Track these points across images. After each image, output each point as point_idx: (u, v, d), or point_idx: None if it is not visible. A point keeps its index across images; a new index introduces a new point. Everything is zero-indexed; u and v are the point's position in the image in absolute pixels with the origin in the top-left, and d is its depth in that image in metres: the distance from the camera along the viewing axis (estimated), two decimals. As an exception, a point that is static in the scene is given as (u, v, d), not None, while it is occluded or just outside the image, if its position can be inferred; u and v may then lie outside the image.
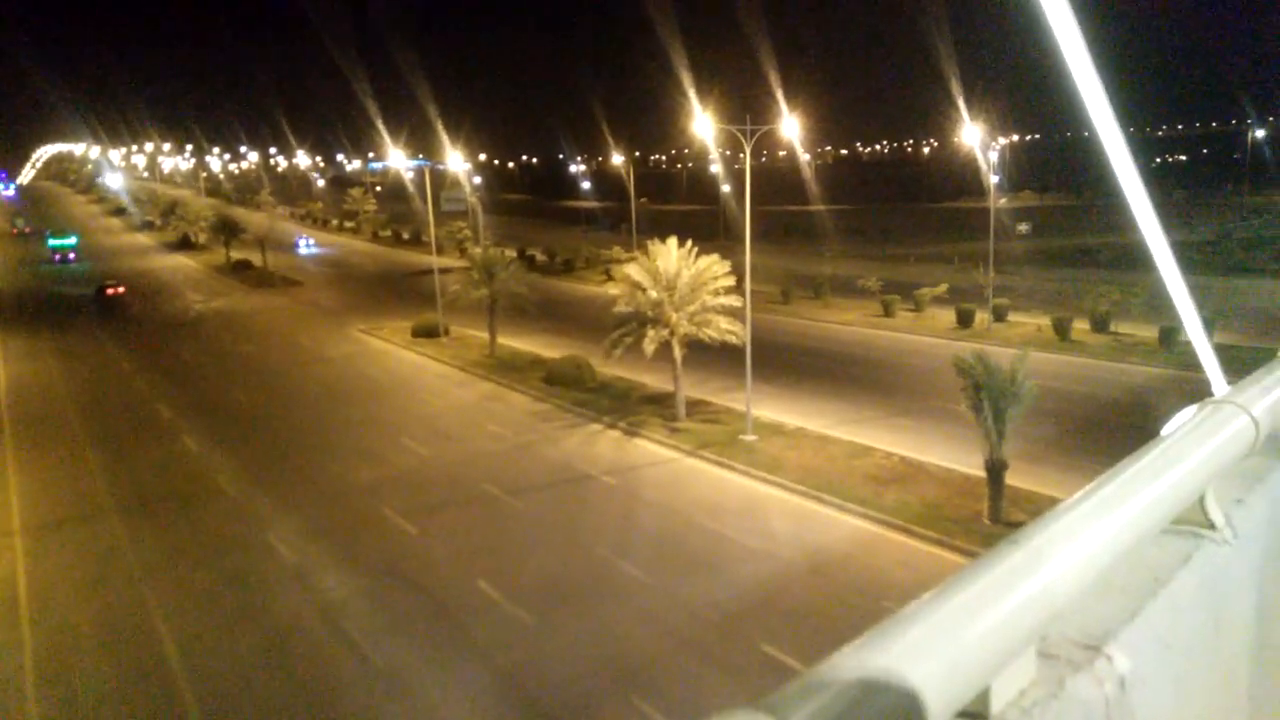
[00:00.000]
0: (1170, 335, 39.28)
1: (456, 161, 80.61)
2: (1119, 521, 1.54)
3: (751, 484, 27.02)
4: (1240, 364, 2.40)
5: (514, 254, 64.39)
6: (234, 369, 46.49)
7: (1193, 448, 1.92)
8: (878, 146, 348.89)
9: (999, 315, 48.12)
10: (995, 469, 23.03)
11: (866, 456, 28.23)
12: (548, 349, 44.41)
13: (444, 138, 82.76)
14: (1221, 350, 2.37)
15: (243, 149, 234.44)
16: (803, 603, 19.76)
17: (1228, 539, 1.97)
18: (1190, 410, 2.18)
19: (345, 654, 18.35)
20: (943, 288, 53.11)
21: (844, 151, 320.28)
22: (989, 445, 22.96)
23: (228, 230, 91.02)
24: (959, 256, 67.94)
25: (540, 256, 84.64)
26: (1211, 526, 1.97)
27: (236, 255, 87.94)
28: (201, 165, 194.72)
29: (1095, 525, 1.48)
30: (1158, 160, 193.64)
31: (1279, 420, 2.37)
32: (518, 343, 46.72)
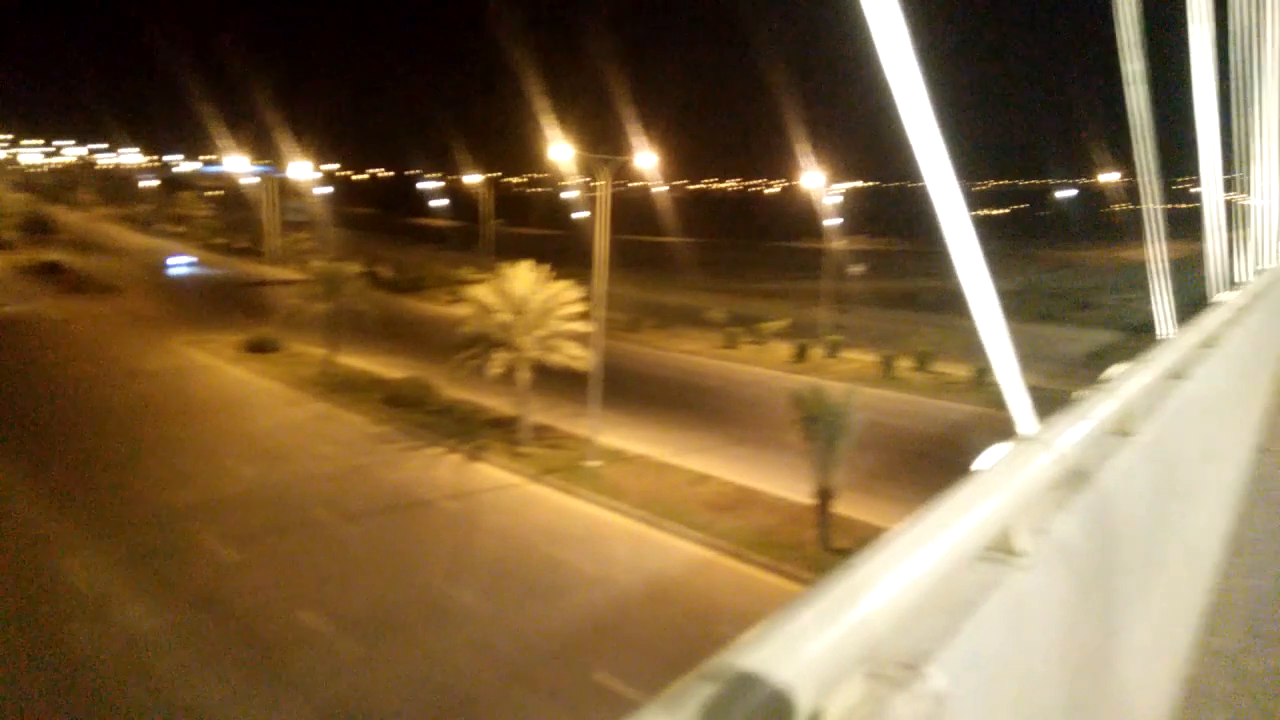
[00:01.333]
0: (984, 375, 42.33)
1: (303, 170, 77.35)
2: (937, 551, 1.66)
3: (593, 510, 27.07)
4: (1039, 403, 2.67)
5: (358, 269, 62.17)
6: (37, 381, 42.44)
7: (1003, 481, 2.10)
8: (728, 184, 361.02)
9: (832, 351, 50.58)
10: (824, 497, 24.09)
11: (705, 484, 28.88)
12: (391, 369, 43.04)
13: (289, 144, 79.38)
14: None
15: (61, 143, 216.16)
16: (637, 629, 19.89)
17: (1030, 565, 2.13)
18: (1003, 446, 2.39)
19: (145, 693, 16.96)
20: (784, 322, 55.28)
21: (695, 186, 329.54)
22: (819, 474, 24.01)
23: (39, 229, 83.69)
24: (798, 293, 71.04)
25: (388, 273, 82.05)
26: (1016, 554, 2.14)
27: (52, 256, 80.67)
28: (12, 158, 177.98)
29: (916, 554, 1.59)
30: (973, 213, 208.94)
31: (1080, 455, 2.65)
32: (360, 362, 45.03)
